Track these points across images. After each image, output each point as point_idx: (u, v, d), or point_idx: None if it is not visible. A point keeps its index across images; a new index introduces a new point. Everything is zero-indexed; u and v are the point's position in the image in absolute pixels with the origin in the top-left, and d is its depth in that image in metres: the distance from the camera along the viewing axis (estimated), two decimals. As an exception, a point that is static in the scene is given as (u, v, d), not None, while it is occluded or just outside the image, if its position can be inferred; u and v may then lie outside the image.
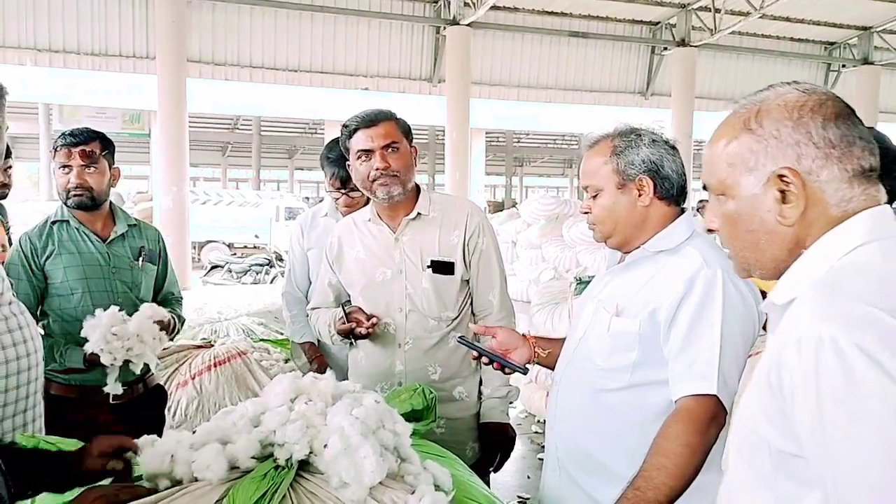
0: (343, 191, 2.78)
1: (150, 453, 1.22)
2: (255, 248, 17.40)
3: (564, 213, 6.22)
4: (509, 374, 1.88)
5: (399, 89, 13.35)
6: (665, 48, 14.75)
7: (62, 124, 13.84)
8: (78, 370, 2.39)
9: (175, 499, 1.16)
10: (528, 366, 1.82)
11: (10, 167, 3.00)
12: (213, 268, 13.83)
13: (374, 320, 2.14)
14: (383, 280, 2.24)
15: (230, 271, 13.36)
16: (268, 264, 13.52)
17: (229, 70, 12.17)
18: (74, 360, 2.36)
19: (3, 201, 3.12)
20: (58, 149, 2.50)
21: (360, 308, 2.21)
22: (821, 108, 1.00)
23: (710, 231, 1.17)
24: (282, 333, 4.05)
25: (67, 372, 2.43)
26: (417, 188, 2.29)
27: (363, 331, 2.12)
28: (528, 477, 4.11)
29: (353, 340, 2.23)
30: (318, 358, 2.83)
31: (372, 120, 2.17)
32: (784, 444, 0.91)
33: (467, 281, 2.25)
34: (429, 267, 2.21)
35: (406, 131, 2.23)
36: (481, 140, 16.26)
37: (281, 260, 14.00)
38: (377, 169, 2.15)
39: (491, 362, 1.80)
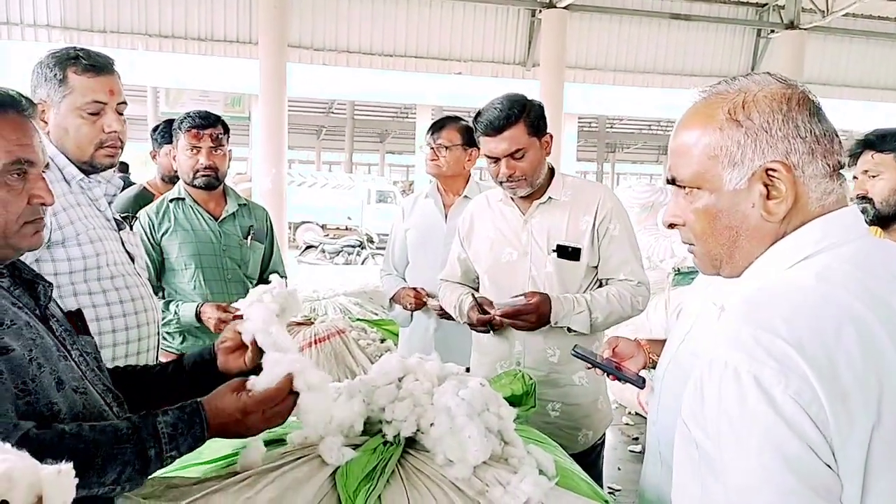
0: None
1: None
2: (347, 229, 17.83)
3: (659, 202, 6.05)
4: (625, 384, 1.83)
5: (492, 74, 13.28)
6: (772, 31, 14.06)
7: (168, 107, 14.47)
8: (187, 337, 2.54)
9: (296, 466, 1.22)
10: (642, 374, 1.78)
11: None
12: (307, 248, 14.28)
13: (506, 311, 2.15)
14: (509, 261, 2.25)
15: (323, 252, 13.77)
16: (359, 246, 13.84)
17: (327, 55, 12.41)
18: (187, 312, 2.51)
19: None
20: (183, 130, 2.61)
21: (488, 300, 2.22)
22: (806, 102, 0.98)
23: (671, 226, 1.11)
24: (377, 314, 4.14)
25: (183, 341, 2.59)
26: (552, 171, 2.28)
27: (498, 323, 2.16)
28: (619, 468, 4.07)
29: (489, 330, 2.24)
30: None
31: (497, 128, 2.11)
32: (704, 444, 0.92)
33: (595, 267, 2.23)
34: (554, 251, 2.20)
35: (536, 126, 2.14)
36: (573, 125, 16.02)
37: (372, 242, 14.30)
38: (503, 174, 2.14)
39: (606, 374, 1.75)
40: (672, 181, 1.07)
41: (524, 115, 2.12)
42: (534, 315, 2.10)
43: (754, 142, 0.97)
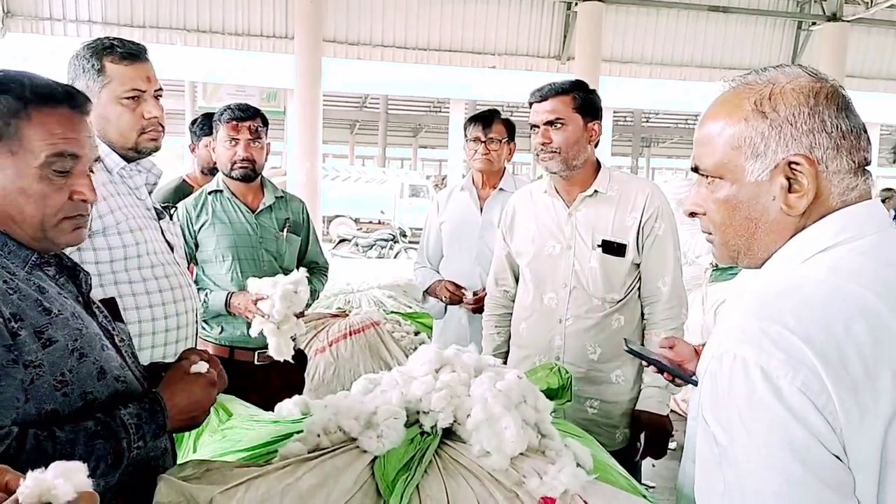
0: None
1: (320, 411, 1.28)
2: (379, 223, 17.91)
3: (697, 197, 5.96)
4: (679, 384, 1.72)
5: (526, 67, 13.20)
6: (813, 23, 13.76)
7: (205, 101, 14.64)
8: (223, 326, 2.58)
9: (335, 455, 1.23)
10: (695, 377, 1.73)
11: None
12: (340, 241, 14.38)
13: None
14: (551, 254, 2.23)
15: (356, 245, 13.84)
16: (392, 239, 13.89)
17: (361, 49, 12.46)
18: (216, 301, 2.52)
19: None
20: (223, 122, 2.64)
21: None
22: (834, 97, 0.97)
23: (691, 215, 1.12)
24: (410, 307, 4.16)
25: (221, 332, 2.63)
26: (598, 165, 2.26)
27: None
28: (653, 465, 4.02)
29: None
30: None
31: (542, 95, 2.16)
32: (720, 437, 0.92)
33: (638, 265, 2.20)
34: (599, 246, 2.17)
35: (584, 106, 2.16)
36: (608, 119, 15.84)
37: (405, 235, 14.35)
38: (537, 143, 2.15)
39: (660, 371, 1.69)
40: (695, 169, 1.08)
41: (573, 91, 2.16)
42: None
43: (779, 134, 0.97)
